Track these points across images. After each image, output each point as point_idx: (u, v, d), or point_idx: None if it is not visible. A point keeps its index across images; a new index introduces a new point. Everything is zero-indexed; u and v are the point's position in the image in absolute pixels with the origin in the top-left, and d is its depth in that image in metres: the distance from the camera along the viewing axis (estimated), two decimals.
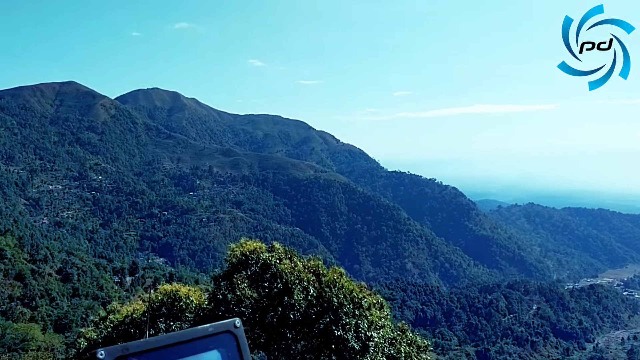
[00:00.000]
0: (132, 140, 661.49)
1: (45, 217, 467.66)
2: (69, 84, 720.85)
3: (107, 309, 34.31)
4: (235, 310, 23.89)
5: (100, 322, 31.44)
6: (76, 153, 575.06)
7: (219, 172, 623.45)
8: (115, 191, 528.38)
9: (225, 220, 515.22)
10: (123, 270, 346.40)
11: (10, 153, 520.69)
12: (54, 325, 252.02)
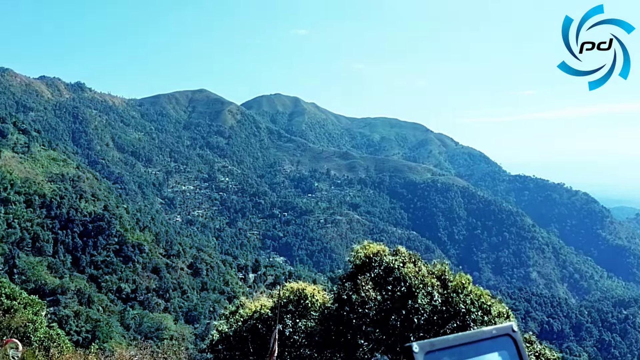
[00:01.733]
0: (256, 143, 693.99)
1: (179, 215, 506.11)
2: (200, 91, 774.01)
3: (236, 304, 36.16)
4: (359, 311, 24.16)
5: (230, 316, 33.24)
6: (206, 156, 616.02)
7: (336, 175, 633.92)
8: (240, 192, 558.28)
9: (342, 222, 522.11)
10: (247, 267, 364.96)
11: (149, 156, 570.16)
12: (184, 316, 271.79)
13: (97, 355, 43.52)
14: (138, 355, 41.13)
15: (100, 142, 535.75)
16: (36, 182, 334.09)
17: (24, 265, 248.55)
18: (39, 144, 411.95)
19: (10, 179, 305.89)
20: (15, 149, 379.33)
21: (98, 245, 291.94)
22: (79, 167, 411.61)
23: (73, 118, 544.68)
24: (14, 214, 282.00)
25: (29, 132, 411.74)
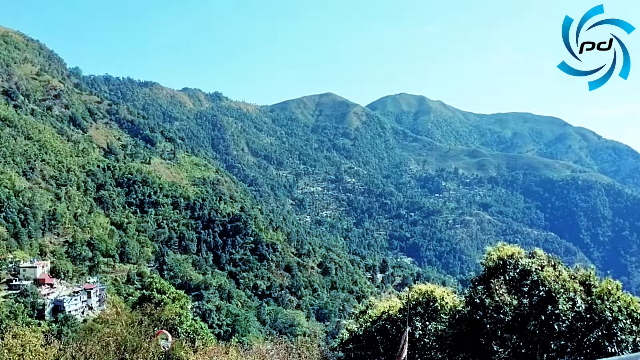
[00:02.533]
0: (381, 144, 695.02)
1: (308, 215, 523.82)
2: (326, 95, 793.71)
3: (365, 304, 36.66)
4: (494, 316, 23.43)
5: (359, 316, 33.77)
6: (333, 158, 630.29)
7: (464, 174, 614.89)
8: (366, 193, 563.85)
9: (471, 222, 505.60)
10: (374, 268, 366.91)
11: (280, 159, 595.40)
12: (315, 313, 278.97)
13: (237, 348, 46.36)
14: (274, 350, 43.33)
15: (236, 147, 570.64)
16: (181, 186, 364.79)
17: (172, 262, 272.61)
18: (183, 150, 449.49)
19: (160, 183, 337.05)
20: (163, 156, 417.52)
21: (236, 244, 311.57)
22: (218, 171, 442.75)
23: (212, 126, 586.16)
24: (163, 215, 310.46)
25: (174, 140, 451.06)
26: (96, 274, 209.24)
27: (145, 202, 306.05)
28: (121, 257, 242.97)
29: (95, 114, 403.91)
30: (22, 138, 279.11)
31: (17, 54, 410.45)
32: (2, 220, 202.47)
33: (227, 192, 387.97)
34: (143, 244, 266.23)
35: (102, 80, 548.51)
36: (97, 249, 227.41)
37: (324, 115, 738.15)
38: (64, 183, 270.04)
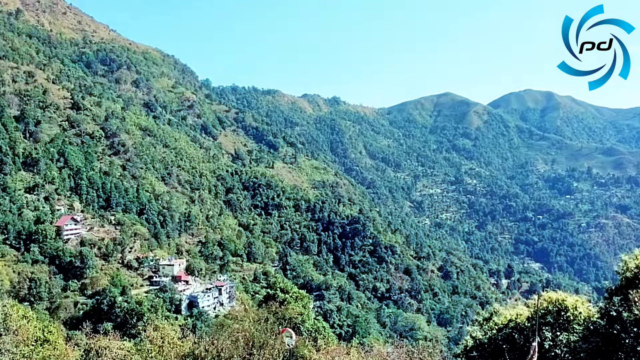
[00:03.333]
0: (504, 143, 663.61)
1: (427, 218, 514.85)
2: (444, 95, 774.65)
3: (489, 310, 35.55)
4: (634, 332, 21.90)
5: (484, 323, 32.83)
6: (452, 159, 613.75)
7: (599, 174, 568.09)
8: (489, 194, 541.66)
9: (607, 226, 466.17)
10: (499, 273, 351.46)
11: (398, 161, 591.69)
12: (436, 318, 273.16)
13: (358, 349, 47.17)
14: (395, 353, 43.59)
15: (354, 151, 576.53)
16: (302, 189, 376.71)
17: (294, 262, 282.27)
18: (304, 154, 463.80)
19: (282, 186, 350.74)
20: (285, 160, 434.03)
21: (355, 245, 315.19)
22: (337, 174, 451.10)
23: (331, 130, 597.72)
24: (285, 217, 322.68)
25: (295, 144, 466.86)
26: (226, 272, 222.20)
27: (269, 205, 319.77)
28: (248, 256, 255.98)
29: (223, 122, 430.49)
30: (160, 146, 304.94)
31: (156, 69, 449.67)
32: (144, 222, 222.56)
33: (345, 195, 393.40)
34: (268, 244, 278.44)
35: (230, 90, 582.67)
36: (227, 249, 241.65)
37: (443, 116, 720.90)
38: (197, 187, 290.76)
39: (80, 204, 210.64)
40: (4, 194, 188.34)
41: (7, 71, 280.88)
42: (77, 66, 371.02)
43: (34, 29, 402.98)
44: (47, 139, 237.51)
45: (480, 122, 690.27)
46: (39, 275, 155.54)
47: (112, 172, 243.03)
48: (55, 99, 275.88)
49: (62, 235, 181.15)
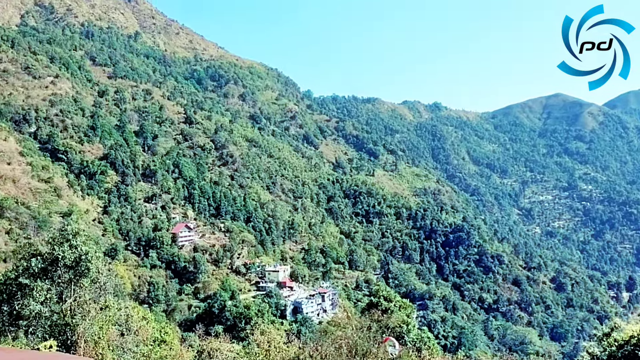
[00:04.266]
0: (623, 146, 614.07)
1: (537, 226, 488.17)
2: (555, 96, 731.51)
3: (609, 325, 33.39)
4: None
5: (603, 338, 30.95)
6: (564, 163, 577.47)
7: None
8: (606, 201, 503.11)
9: None
10: (619, 285, 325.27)
11: (504, 167, 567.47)
12: (549, 332, 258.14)
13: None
14: None
15: (456, 157, 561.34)
16: (403, 196, 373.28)
17: (396, 270, 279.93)
18: (404, 162, 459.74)
19: (383, 194, 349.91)
20: (385, 168, 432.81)
21: (459, 254, 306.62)
22: (439, 181, 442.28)
23: (432, 136, 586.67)
24: (386, 225, 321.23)
25: (395, 152, 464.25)
26: (328, 279, 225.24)
27: (370, 213, 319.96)
28: (350, 264, 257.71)
29: (324, 131, 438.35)
30: (265, 156, 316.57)
31: (260, 82, 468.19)
32: (251, 229, 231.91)
33: (448, 202, 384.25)
34: (369, 252, 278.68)
35: (330, 100, 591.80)
36: (329, 256, 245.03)
37: (553, 118, 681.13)
38: (300, 195, 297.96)
39: (193, 212, 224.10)
40: (126, 203, 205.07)
41: (128, 89, 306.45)
42: (189, 83, 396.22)
43: (151, 50, 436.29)
44: (163, 152, 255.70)
45: (595, 123, 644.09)
46: (156, 279, 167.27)
47: (222, 181, 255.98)
48: (170, 114, 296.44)
49: (177, 242, 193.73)
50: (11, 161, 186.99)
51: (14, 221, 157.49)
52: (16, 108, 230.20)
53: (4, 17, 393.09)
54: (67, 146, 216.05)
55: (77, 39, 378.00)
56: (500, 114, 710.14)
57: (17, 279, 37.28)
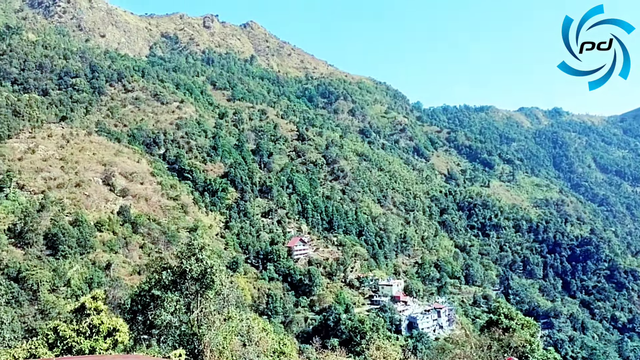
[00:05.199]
0: None
1: None
2: None
3: None
4: None
5: None
6: None
7: None
8: None
9: None
10: None
11: (636, 174, 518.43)
12: None
13: None
14: None
15: (581, 165, 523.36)
16: (522, 208, 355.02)
17: (517, 286, 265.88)
18: (522, 171, 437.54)
19: (500, 205, 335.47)
20: (501, 178, 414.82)
21: (587, 269, 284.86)
22: (561, 191, 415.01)
23: (552, 143, 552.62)
24: (504, 238, 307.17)
25: (512, 161, 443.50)
26: (444, 294, 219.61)
27: (486, 225, 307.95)
28: (466, 279, 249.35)
29: (435, 142, 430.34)
30: (375, 170, 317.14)
31: (369, 96, 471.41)
32: (363, 243, 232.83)
33: (573, 213, 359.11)
34: (486, 267, 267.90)
35: (441, 111, 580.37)
36: (444, 271, 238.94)
37: None
38: (412, 208, 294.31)
39: (307, 226, 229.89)
40: (245, 218, 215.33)
41: (245, 110, 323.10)
42: (301, 101, 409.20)
43: (265, 72, 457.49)
44: (278, 168, 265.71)
45: None
46: (274, 291, 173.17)
47: (333, 196, 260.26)
48: (284, 132, 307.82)
49: (292, 255, 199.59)
50: (144, 181, 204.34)
51: (147, 236, 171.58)
52: (147, 132, 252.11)
53: (135, 50, 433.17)
54: (192, 166, 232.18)
55: (199, 66, 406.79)
56: (630, 117, 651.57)
57: (150, 291, 40.66)
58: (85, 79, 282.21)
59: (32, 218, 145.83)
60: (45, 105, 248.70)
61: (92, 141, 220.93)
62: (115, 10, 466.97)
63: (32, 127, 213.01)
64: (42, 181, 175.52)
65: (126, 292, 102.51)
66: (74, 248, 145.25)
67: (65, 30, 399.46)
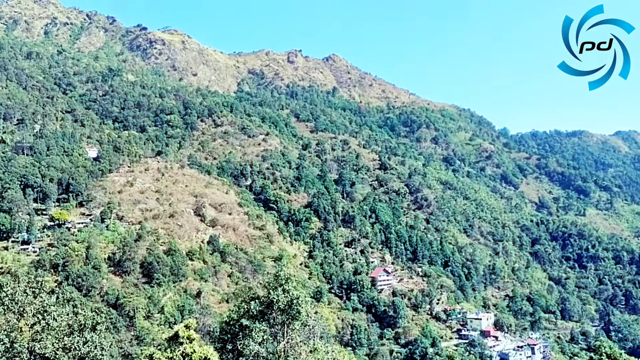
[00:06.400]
0: None
1: None
2: None
3: None
4: None
5: None
6: None
7: None
8: None
9: None
10: None
11: None
12: None
13: None
14: None
15: None
16: (622, 238, 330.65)
17: (619, 322, 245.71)
18: (621, 199, 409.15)
19: (597, 235, 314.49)
20: (598, 206, 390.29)
21: None
22: None
23: None
24: (604, 271, 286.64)
25: (610, 188, 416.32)
26: (538, 330, 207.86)
27: (583, 257, 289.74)
28: (562, 313, 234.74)
29: (524, 169, 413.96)
30: (461, 198, 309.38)
31: (452, 124, 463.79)
32: (449, 274, 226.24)
33: None
34: (584, 301, 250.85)
35: (529, 137, 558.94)
36: (537, 304, 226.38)
37: None
38: (500, 238, 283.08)
39: (390, 256, 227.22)
40: (328, 247, 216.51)
41: (327, 141, 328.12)
42: (382, 130, 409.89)
43: (347, 103, 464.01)
44: (361, 198, 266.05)
45: None
46: (359, 322, 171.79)
47: (417, 225, 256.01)
48: (366, 162, 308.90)
49: (376, 286, 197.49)
50: (232, 211, 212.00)
51: (234, 265, 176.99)
52: (235, 164, 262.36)
53: (224, 86, 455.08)
54: (277, 196, 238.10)
55: (284, 99, 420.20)
56: None
57: (239, 320, 41.89)
58: (179, 116, 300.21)
59: (130, 247, 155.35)
60: (143, 140, 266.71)
61: (185, 174, 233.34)
62: (206, 50, 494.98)
63: (130, 162, 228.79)
64: (139, 212, 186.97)
65: (215, 319, 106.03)
66: (168, 276, 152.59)
67: (160, 71, 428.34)
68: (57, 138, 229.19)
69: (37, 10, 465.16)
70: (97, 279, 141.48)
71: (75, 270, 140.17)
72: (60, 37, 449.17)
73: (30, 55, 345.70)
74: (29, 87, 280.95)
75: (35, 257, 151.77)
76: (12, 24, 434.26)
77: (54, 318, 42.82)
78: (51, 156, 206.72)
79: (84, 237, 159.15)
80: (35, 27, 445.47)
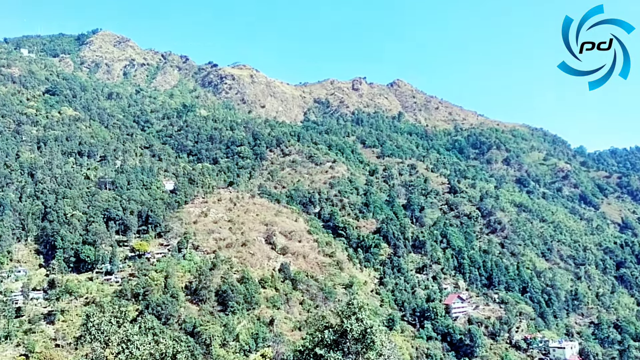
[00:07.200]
0: None
1: None
2: None
3: None
4: None
5: None
6: None
7: None
8: None
9: None
10: None
11: None
12: None
13: None
14: None
15: None
16: None
17: None
18: None
19: None
20: None
21: None
22: None
23: None
24: None
25: None
26: (627, 359, 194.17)
27: None
28: None
29: (604, 189, 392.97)
30: (537, 221, 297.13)
31: (525, 144, 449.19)
32: (528, 300, 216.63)
33: None
34: None
35: (608, 154, 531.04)
36: (625, 332, 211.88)
37: None
38: (582, 262, 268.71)
39: (464, 282, 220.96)
40: (399, 274, 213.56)
41: (394, 166, 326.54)
42: (451, 153, 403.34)
43: (413, 127, 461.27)
44: (431, 223, 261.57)
45: None
46: (434, 351, 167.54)
47: (491, 250, 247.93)
48: (434, 186, 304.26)
49: (450, 313, 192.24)
50: (301, 239, 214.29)
51: (306, 292, 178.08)
52: (303, 192, 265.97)
53: (291, 116, 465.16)
54: (346, 223, 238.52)
55: (349, 126, 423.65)
56: None
57: (314, 349, 42.47)
58: (249, 147, 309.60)
59: (205, 276, 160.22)
60: (215, 172, 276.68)
61: (255, 203, 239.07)
62: (273, 82, 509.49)
63: (204, 193, 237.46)
64: (213, 242, 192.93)
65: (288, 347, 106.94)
66: (241, 304, 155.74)
67: (231, 104, 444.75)
68: (136, 172, 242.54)
69: (117, 53, 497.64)
70: (175, 308, 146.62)
71: (155, 299, 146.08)
72: (137, 77, 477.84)
73: (111, 96, 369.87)
74: (110, 126, 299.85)
75: (117, 287, 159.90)
76: (94, 67, 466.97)
77: (137, 347, 45.22)
78: (131, 190, 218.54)
79: (162, 267, 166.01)
80: (115, 69, 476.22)
